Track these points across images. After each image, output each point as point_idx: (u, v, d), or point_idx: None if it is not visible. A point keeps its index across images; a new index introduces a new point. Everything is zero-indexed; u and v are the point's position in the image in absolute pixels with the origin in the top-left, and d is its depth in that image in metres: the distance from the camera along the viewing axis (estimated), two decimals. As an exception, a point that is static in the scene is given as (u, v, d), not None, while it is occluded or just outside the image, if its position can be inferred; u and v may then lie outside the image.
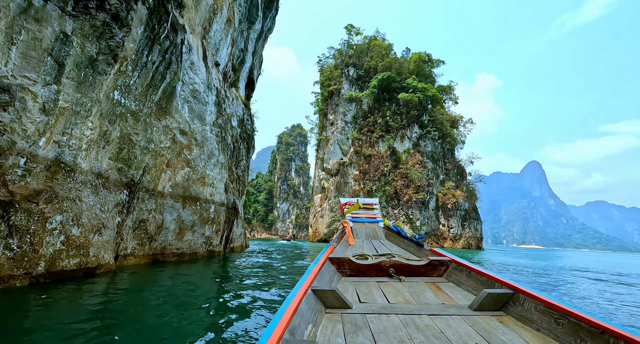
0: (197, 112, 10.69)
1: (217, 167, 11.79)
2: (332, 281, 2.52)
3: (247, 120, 16.32)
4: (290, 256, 15.76)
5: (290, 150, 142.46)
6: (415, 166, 51.41)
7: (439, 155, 52.71)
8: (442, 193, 50.11)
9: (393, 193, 51.17)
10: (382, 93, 56.25)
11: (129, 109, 7.13)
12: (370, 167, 54.63)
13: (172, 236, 9.66)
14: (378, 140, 55.02)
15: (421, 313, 1.82)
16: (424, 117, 53.29)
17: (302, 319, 1.54)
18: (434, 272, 2.83)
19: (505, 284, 2.01)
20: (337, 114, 58.12)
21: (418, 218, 48.41)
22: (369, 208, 6.12)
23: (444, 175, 52.28)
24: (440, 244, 47.42)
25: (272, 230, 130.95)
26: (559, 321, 1.53)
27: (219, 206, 11.79)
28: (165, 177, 9.22)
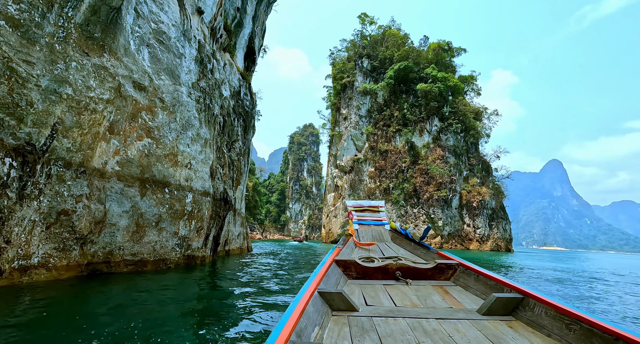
0: (165, 64, 7.64)
1: (198, 144, 8.69)
2: (339, 284, 2.50)
3: (245, 95, 13.23)
4: (301, 261, 12.56)
5: (302, 149, 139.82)
6: (436, 161, 47.30)
7: (462, 149, 48.39)
8: (466, 191, 45.78)
9: (412, 190, 47.24)
10: (398, 84, 52.43)
11: (9, 16, 4.09)
12: (386, 163, 50.87)
13: (124, 237, 6.60)
14: (395, 135, 51.21)
15: (429, 317, 1.77)
16: (444, 109, 49.12)
17: (309, 321, 1.50)
18: (441, 275, 2.77)
19: (515, 288, 1.95)
20: (350, 108, 54.69)
21: (440, 217, 44.29)
22: (375, 211, 5.78)
23: (468, 171, 47.91)
24: (466, 246, 43.14)
25: (284, 230, 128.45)
26: (571, 326, 1.47)
27: (201, 195, 8.71)
28: (108, 149, 6.15)
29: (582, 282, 9.55)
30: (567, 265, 20.04)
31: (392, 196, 48.26)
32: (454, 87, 49.17)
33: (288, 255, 15.82)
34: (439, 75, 48.81)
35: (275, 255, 15.17)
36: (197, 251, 8.79)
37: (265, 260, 12.35)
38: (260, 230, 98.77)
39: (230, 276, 7.60)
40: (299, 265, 11.21)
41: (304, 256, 15.85)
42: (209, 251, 9.80)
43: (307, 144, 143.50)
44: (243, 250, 15.24)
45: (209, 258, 9.84)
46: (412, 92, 51.93)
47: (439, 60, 52.62)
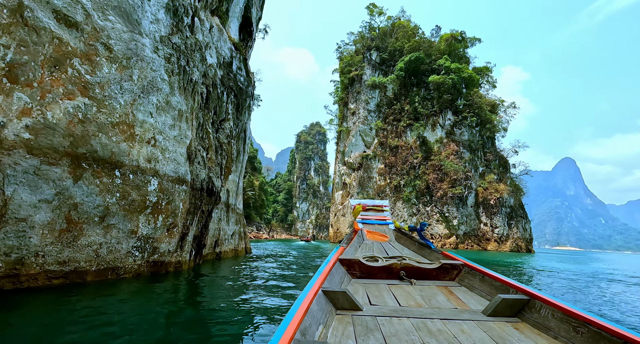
0: (116, 2, 5.53)
1: (168, 115, 6.55)
2: (342, 283, 2.48)
3: (239, 69, 11.08)
4: (307, 266, 10.36)
5: (309, 148, 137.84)
6: (450, 157, 44.55)
7: (478, 144, 45.49)
8: (483, 188, 42.91)
9: (424, 188, 44.59)
10: (409, 77, 49.79)
11: None
12: (397, 159, 48.31)
13: (45, 238, 4.50)
14: (406, 129, 48.60)
15: (433, 317, 1.76)
16: (458, 102, 46.29)
17: (313, 320, 1.50)
18: (445, 276, 2.74)
19: (521, 289, 1.92)
20: (358, 103, 52.27)
21: (455, 216, 41.56)
22: (379, 210, 5.64)
23: (484, 167, 45.00)
24: (483, 246, 40.30)
25: (291, 230, 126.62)
26: (578, 329, 1.45)
27: (173, 183, 6.59)
28: (8, 105, 4.06)
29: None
30: (599, 266, 17.33)
31: (403, 194, 45.71)
32: (468, 78, 46.29)
33: (292, 258, 13.62)
34: (452, 66, 46.01)
35: (277, 258, 12.99)
36: (168, 256, 6.66)
37: (263, 264, 10.18)
38: (267, 230, 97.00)
39: (206, 289, 5.44)
40: (304, 269, 9.04)
41: (310, 258, 13.64)
42: (188, 255, 7.67)
43: (314, 143, 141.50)
44: (239, 252, 13.11)
45: (189, 263, 7.72)
46: (424, 84, 49.24)
47: (452, 51, 49.77)
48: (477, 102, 45.20)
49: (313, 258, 14.14)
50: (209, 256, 10.07)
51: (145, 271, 6.14)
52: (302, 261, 12.25)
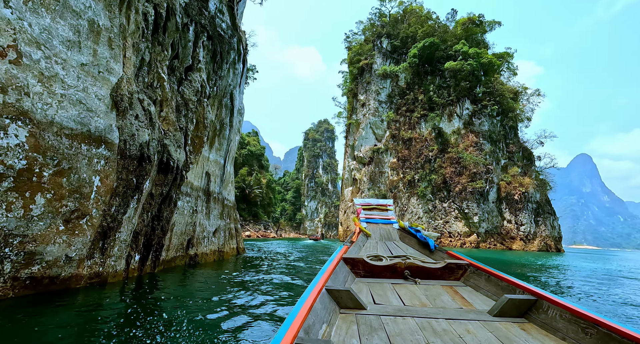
0: None
1: (59, 19, 3.74)
2: (346, 282, 2.45)
3: (218, 11, 8.21)
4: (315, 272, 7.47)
5: (317, 146, 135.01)
6: (469, 149, 40.91)
7: (499, 134, 41.69)
8: (506, 182, 39.14)
9: (441, 182, 41.10)
10: (422, 64, 46.26)
11: None
12: (410, 152, 44.91)
13: None
14: (420, 121, 45.13)
15: (438, 317, 1.72)
16: (477, 89, 42.55)
17: (317, 318, 1.48)
18: (450, 275, 2.70)
19: (528, 290, 1.89)
20: (368, 93, 49.02)
21: (475, 212, 37.96)
22: (383, 209, 5.57)
23: (506, 160, 41.17)
24: (507, 245, 36.60)
25: (300, 229, 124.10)
26: (587, 330, 1.42)
27: (77, 141, 3.80)
28: None
29: None
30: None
31: (418, 189, 42.32)
32: (488, 64, 42.50)
33: (294, 261, 10.70)
34: (470, 51, 42.29)
35: (274, 263, 10.10)
36: (69, 266, 3.85)
37: (251, 273, 7.29)
38: (275, 229, 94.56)
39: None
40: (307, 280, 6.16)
41: (318, 263, 10.69)
42: (124, 263, 4.85)
43: (322, 140, 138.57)
44: (227, 254, 10.27)
45: (126, 274, 4.90)
46: (439, 72, 45.65)
47: (469, 36, 45.97)
48: (498, 89, 41.38)
49: (322, 262, 11.21)
50: (177, 261, 7.25)
51: (15, 292, 3.33)
52: (305, 267, 9.30)
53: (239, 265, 8.85)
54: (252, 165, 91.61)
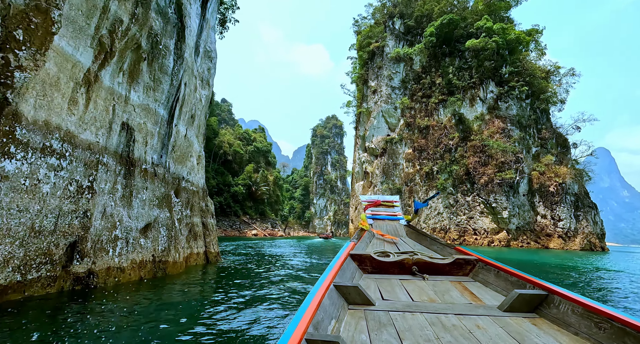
0: None
1: None
2: (354, 278, 2.42)
3: None
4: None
5: (326, 142, 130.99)
6: (495, 136, 36.16)
7: (529, 119, 36.76)
8: (539, 172, 34.26)
9: (463, 174, 36.51)
10: (440, 45, 41.58)
11: None
12: (428, 141, 40.40)
13: None
14: (438, 107, 40.55)
15: (447, 313, 1.70)
16: (503, 69, 37.68)
17: (326, 314, 1.48)
18: (459, 271, 2.64)
19: (538, 284, 1.85)
20: (380, 79, 44.63)
21: (505, 206, 33.24)
22: (389, 206, 5.37)
23: (538, 147, 36.23)
24: (543, 244, 31.80)
25: (309, 227, 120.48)
26: (601, 325, 1.38)
27: None
28: None
29: None
30: None
31: (437, 182, 37.83)
32: (515, 41, 37.53)
33: (298, 259, 6.88)
34: (495, 27, 37.41)
35: (261, 281, 6.20)
36: None
37: (224, 284, 3.43)
38: (283, 227, 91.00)
39: None
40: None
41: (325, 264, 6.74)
42: None
43: (331, 136, 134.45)
44: (176, 266, 6.33)
45: None
46: (458, 53, 40.90)
47: (492, 12, 40.99)
48: (528, 68, 36.42)
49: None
50: (36, 287, 3.45)
51: None
52: (310, 279, 5.41)
53: (189, 288, 4.97)
54: (259, 161, 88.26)
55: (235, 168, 79.66)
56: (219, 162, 76.93)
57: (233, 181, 74.24)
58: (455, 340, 1.37)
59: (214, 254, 8.10)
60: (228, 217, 67.88)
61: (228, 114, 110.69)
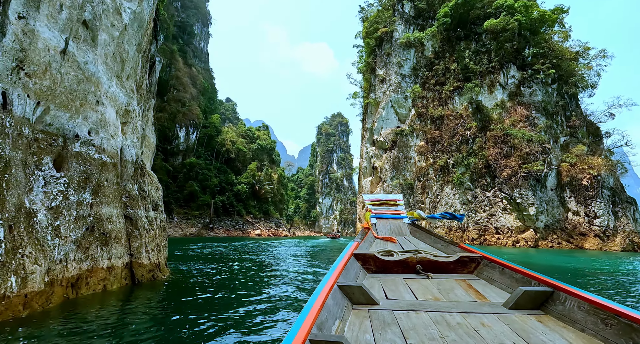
0: None
1: None
2: (358, 278, 2.41)
3: None
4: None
5: (331, 140, 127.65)
6: (518, 124, 32.36)
7: (556, 106, 32.85)
8: (569, 163, 30.36)
9: (482, 167, 32.80)
10: (454, 29, 37.92)
11: None
12: (442, 133, 36.76)
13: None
14: (452, 94, 36.87)
15: (452, 311, 1.68)
16: (526, 51, 33.85)
17: (329, 314, 1.46)
18: (463, 269, 2.62)
19: (543, 281, 1.82)
20: (389, 67, 41.10)
21: (531, 202, 29.45)
22: (393, 205, 5.36)
23: (567, 136, 32.30)
24: (577, 244, 27.92)
25: (315, 227, 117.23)
26: (607, 321, 1.36)
27: None
28: None
29: None
30: None
31: (453, 176, 34.19)
32: (538, 20, 33.67)
33: (294, 271, 4.90)
34: (517, 4, 33.60)
35: (211, 316, 2.94)
36: None
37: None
38: (288, 227, 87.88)
39: None
40: None
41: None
42: None
43: (336, 134, 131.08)
44: (44, 298, 3.15)
45: None
46: (475, 36, 37.17)
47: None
48: (555, 49, 32.54)
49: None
50: None
51: None
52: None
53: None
54: (263, 159, 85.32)
55: (238, 167, 76.85)
56: (222, 160, 74.23)
57: (236, 180, 71.39)
58: (460, 338, 1.34)
59: (149, 267, 4.87)
60: (231, 217, 65.01)
61: (232, 113, 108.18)
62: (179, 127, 66.86)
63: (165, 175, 58.05)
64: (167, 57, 71.05)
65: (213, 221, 60.57)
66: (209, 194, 63.42)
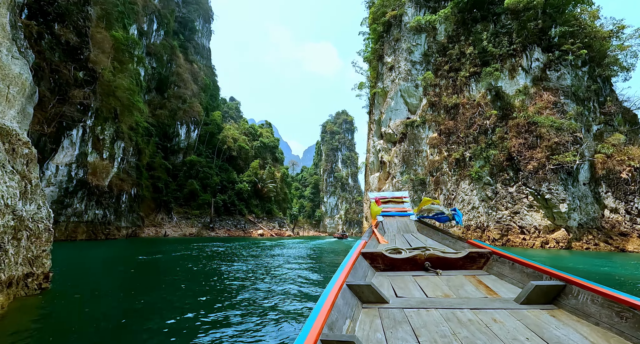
0: None
1: None
2: (366, 276, 2.37)
3: None
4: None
5: (336, 138, 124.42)
6: (544, 112, 28.74)
7: (588, 91, 29.14)
8: (604, 155, 26.66)
9: (504, 159, 29.23)
10: (469, 10, 34.47)
11: None
12: (457, 123, 33.27)
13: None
14: (469, 81, 33.38)
15: (462, 307, 1.65)
16: (552, 31, 30.23)
17: (340, 314, 1.45)
18: (473, 265, 2.57)
19: (555, 275, 1.78)
20: (398, 53, 37.75)
21: (562, 198, 25.82)
22: (399, 202, 5.36)
23: (601, 125, 28.56)
24: (617, 245, 24.19)
25: (319, 226, 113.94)
26: (622, 314, 1.33)
27: None
28: None
29: None
30: None
31: (471, 170, 30.68)
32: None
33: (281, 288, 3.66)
34: (541, -22, 29.99)
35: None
36: None
37: None
38: (292, 226, 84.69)
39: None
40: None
41: None
42: None
43: (341, 132, 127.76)
44: None
45: None
46: (494, 17, 33.64)
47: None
48: (587, 28, 28.85)
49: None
50: None
51: None
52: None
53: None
54: (266, 157, 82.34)
55: (240, 165, 74.01)
56: (223, 158, 71.45)
57: (238, 178, 68.52)
58: (472, 335, 1.32)
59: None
60: (232, 216, 62.10)
61: (236, 112, 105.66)
62: (180, 125, 64.26)
63: (164, 173, 55.39)
64: (167, 52, 68.60)
65: (214, 221, 57.70)
66: (210, 193, 60.65)
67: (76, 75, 27.73)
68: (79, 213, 26.98)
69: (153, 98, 64.16)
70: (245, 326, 3.47)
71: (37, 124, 24.81)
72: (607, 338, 1.29)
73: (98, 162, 29.91)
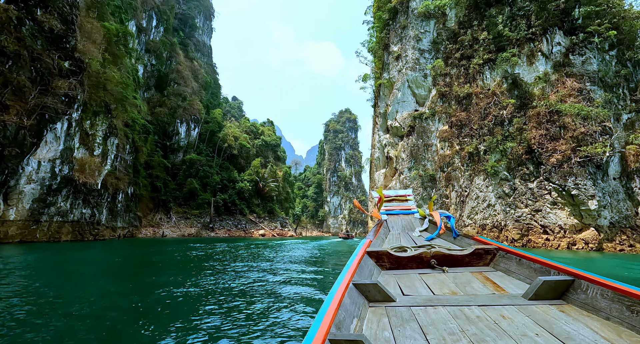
0: None
1: None
2: (372, 275, 2.34)
3: None
4: None
5: (339, 137, 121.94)
6: (567, 100, 26.05)
7: (617, 76, 26.34)
8: (637, 146, 23.90)
9: (523, 152, 26.55)
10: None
11: None
12: (470, 114, 30.64)
13: None
14: (483, 69, 30.73)
15: (470, 304, 1.64)
16: (575, 12, 27.50)
17: (347, 313, 1.45)
18: (479, 261, 2.54)
19: (563, 270, 1.76)
20: (405, 42, 35.22)
21: (591, 194, 23.11)
22: (403, 200, 5.28)
23: (632, 113, 25.78)
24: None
25: (323, 227, 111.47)
26: (634, 308, 1.31)
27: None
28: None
29: None
30: None
31: (486, 164, 28.03)
32: (589, -26, 27.27)
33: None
34: (562, -46, 27.28)
35: None
36: None
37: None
38: (294, 226, 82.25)
39: None
40: None
41: None
42: None
43: (344, 131, 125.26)
44: None
45: None
46: (509, 0, 31.00)
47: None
48: (614, 7, 26.08)
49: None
50: None
51: None
52: None
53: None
54: (267, 156, 80.00)
55: (241, 163, 71.81)
56: (224, 157, 69.32)
57: (239, 177, 66.30)
58: (480, 332, 1.31)
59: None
60: (233, 216, 59.86)
61: (238, 111, 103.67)
62: (180, 123, 62.21)
63: (163, 172, 53.32)
64: (167, 49, 66.69)
65: (214, 221, 55.48)
66: (210, 192, 58.50)
67: (61, 64, 25.62)
68: (64, 213, 24.86)
69: (152, 95, 62.24)
70: (251, 327, 3.38)
71: (15, 116, 22.65)
72: (619, 332, 1.26)
73: (87, 158, 27.81)
